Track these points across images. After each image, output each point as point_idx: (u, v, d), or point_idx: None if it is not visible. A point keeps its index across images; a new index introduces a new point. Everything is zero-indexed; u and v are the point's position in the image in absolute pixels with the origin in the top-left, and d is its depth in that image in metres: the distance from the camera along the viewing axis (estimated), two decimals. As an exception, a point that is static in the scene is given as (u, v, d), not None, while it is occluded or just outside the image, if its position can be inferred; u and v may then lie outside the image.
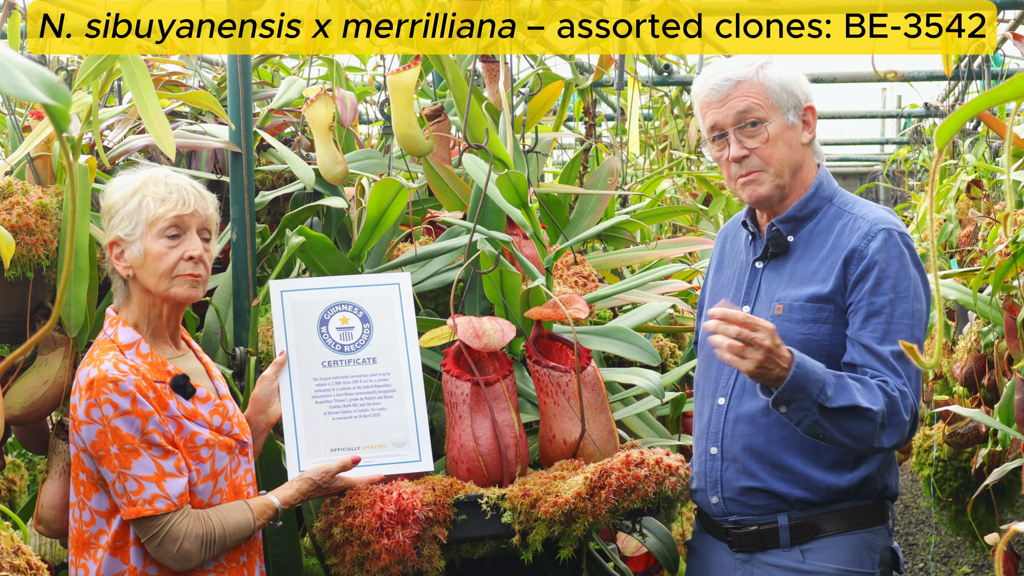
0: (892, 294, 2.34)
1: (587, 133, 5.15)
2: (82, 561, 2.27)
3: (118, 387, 2.18)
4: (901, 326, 2.33)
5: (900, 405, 2.29)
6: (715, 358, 2.52)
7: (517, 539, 2.41)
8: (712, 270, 2.72)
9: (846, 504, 2.41)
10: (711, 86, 2.46)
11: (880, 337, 2.33)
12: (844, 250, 2.39)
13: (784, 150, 2.44)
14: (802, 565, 2.39)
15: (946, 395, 5.08)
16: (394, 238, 3.31)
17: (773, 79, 2.44)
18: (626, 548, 3.73)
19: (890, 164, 9.11)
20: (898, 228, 2.40)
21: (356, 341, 2.59)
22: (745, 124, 2.42)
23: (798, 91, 2.46)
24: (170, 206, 2.29)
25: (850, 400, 2.25)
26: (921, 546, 7.39)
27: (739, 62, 2.47)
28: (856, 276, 2.37)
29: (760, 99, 2.42)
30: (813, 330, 2.39)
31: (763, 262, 2.52)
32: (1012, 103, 1.13)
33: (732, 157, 2.45)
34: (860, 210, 2.45)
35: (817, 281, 2.40)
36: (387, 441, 2.54)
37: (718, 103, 2.45)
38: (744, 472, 2.46)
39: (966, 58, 5.91)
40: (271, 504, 2.36)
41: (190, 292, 2.33)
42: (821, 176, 2.51)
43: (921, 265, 2.42)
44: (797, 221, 2.48)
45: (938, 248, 5.08)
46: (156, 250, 2.29)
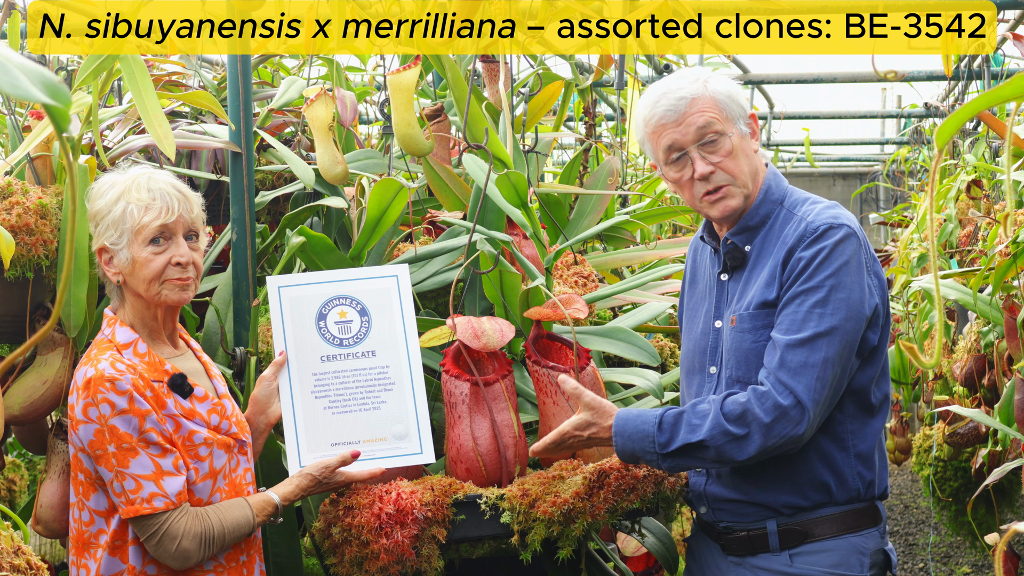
0: (807, 285, 2.31)
1: (587, 133, 5.15)
2: (83, 561, 2.27)
3: (115, 386, 2.18)
4: (810, 316, 2.29)
5: (755, 408, 2.27)
6: (695, 374, 2.55)
7: (516, 539, 2.41)
8: (687, 284, 2.71)
9: (835, 509, 2.41)
10: (664, 107, 2.41)
11: (786, 328, 2.31)
12: (784, 251, 2.37)
13: (744, 160, 2.43)
14: (790, 569, 2.41)
15: (946, 395, 5.08)
16: (394, 238, 3.31)
17: (721, 92, 2.41)
18: (626, 548, 3.74)
19: (890, 164, 9.11)
20: (835, 222, 2.34)
21: (355, 335, 2.58)
22: (706, 140, 2.39)
23: (742, 100, 2.45)
24: (154, 214, 2.28)
25: (680, 441, 2.31)
26: (921, 546, 7.39)
27: (683, 80, 2.43)
28: (788, 275, 2.35)
29: (716, 113, 2.40)
30: (763, 337, 2.37)
31: (727, 275, 2.51)
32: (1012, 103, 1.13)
33: (699, 175, 2.40)
34: (804, 210, 2.41)
35: (764, 287, 2.39)
36: (388, 434, 2.54)
37: (675, 123, 2.40)
38: (728, 486, 2.47)
39: (966, 58, 5.91)
40: (270, 501, 2.36)
41: (180, 296, 2.34)
42: (768, 179, 2.48)
43: (860, 258, 2.35)
44: (750, 230, 2.46)
45: (938, 248, 5.08)
46: (143, 257, 2.28)
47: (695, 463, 2.35)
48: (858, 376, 2.40)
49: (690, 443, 2.30)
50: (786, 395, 2.27)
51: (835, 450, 2.40)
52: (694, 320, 2.60)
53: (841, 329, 2.29)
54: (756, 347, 2.38)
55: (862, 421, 2.42)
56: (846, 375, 2.35)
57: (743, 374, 2.40)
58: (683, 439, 2.31)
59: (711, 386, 2.48)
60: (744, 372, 2.40)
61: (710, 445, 2.29)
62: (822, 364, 2.27)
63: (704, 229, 2.61)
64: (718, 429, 2.29)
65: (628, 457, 2.38)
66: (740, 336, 2.41)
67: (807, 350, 2.28)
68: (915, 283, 4.30)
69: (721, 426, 2.28)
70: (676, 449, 2.31)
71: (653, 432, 2.33)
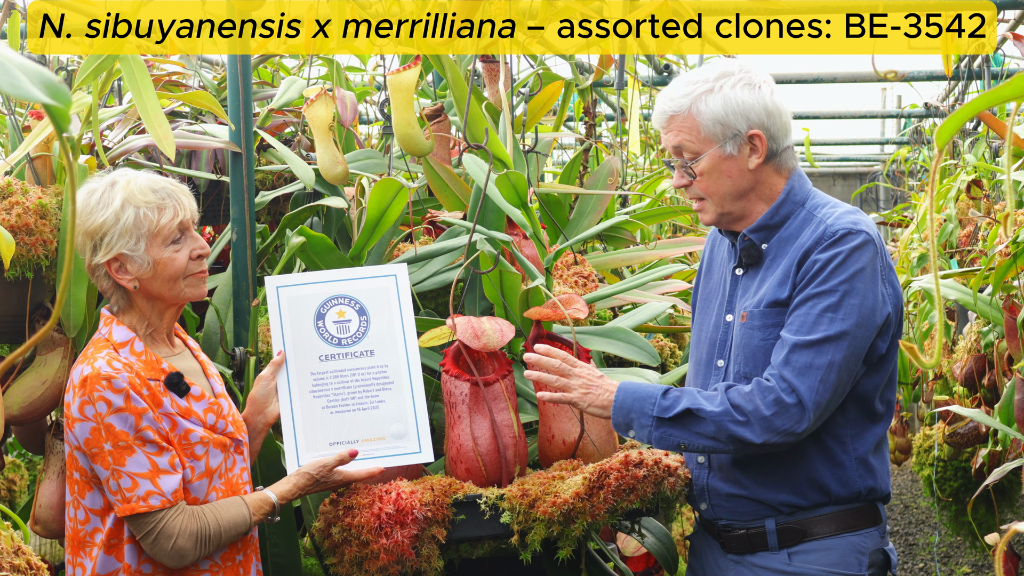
0: (820, 288, 2.32)
1: (587, 133, 5.15)
2: (79, 560, 2.27)
3: (111, 384, 2.18)
4: (821, 320, 2.30)
5: (757, 400, 2.29)
6: (703, 366, 2.56)
7: (516, 539, 2.41)
8: (702, 273, 2.72)
9: (834, 508, 2.42)
10: (657, 112, 2.48)
11: (796, 328, 2.32)
12: (800, 252, 2.38)
13: (722, 180, 2.42)
14: (788, 567, 2.41)
15: (946, 395, 5.08)
16: (394, 238, 3.31)
17: (706, 114, 2.38)
18: (626, 548, 3.74)
19: (890, 164, 9.11)
20: (854, 228, 2.34)
21: (353, 334, 2.58)
22: (680, 157, 2.44)
23: (738, 121, 2.39)
24: (170, 214, 2.29)
25: (679, 405, 2.33)
26: (921, 546, 7.39)
27: (679, 91, 2.42)
28: (803, 277, 2.35)
29: (691, 135, 2.40)
30: (772, 335, 2.38)
31: (741, 269, 2.52)
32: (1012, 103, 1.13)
33: (675, 185, 2.50)
34: (824, 213, 2.41)
35: (776, 286, 2.40)
36: (386, 433, 2.53)
37: (663, 129, 2.47)
38: (730, 480, 2.47)
39: (966, 58, 5.91)
40: (267, 499, 2.36)
41: (199, 290, 2.37)
42: (792, 181, 2.47)
43: (876, 266, 2.35)
44: (769, 229, 2.47)
45: (938, 248, 5.07)
46: (166, 257, 2.29)
47: (688, 436, 2.34)
48: (864, 382, 2.40)
49: (692, 409, 2.31)
50: (789, 393, 2.28)
51: (836, 452, 2.40)
52: (707, 311, 2.60)
53: (850, 335, 2.29)
54: (764, 345, 2.38)
55: (863, 426, 2.42)
56: (851, 380, 2.35)
57: (750, 370, 2.41)
58: (686, 405, 2.32)
59: (717, 379, 2.48)
60: (751, 369, 2.41)
61: (710, 419, 2.31)
62: (827, 367, 2.28)
63: None
64: (722, 408, 2.31)
65: (622, 417, 2.37)
66: (750, 333, 2.42)
67: (814, 352, 2.28)
68: (915, 283, 4.31)
69: (725, 407, 2.31)
70: (677, 414, 2.32)
71: (657, 395, 2.35)
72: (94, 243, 2.28)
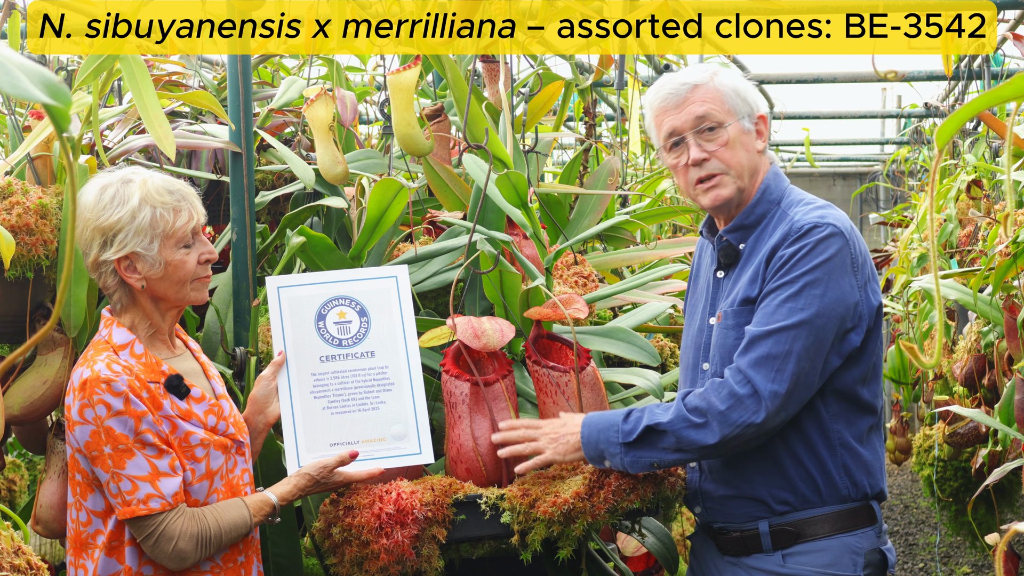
0: (782, 280, 2.33)
1: (587, 133, 5.15)
2: (80, 561, 2.27)
3: (111, 387, 2.17)
4: (780, 310, 2.31)
5: (711, 396, 2.31)
6: (690, 370, 2.58)
7: (516, 539, 2.41)
8: (691, 280, 2.74)
9: (827, 508, 2.42)
10: (668, 91, 2.47)
11: (757, 320, 2.34)
12: (769, 250, 2.39)
13: (743, 153, 2.45)
14: (782, 569, 2.42)
15: (946, 395, 5.08)
16: (394, 238, 3.31)
17: (727, 85, 2.46)
18: (626, 548, 3.73)
19: (890, 164, 9.11)
20: (820, 222, 2.35)
21: (354, 335, 2.59)
22: (703, 128, 2.43)
23: (751, 99, 2.48)
24: (186, 216, 2.30)
25: (640, 425, 2.34)
26: (921, 546, 7.39)
27: (692, 70, 2.50)
28: (770, 273, 2.37)
29: (716, 104, 2.44)
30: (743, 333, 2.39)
31: (722, 272, 2.53)
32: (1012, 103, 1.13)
33: (692, 160, 2.45)
34: (795, 211, 2.43)
35: (748, 284, 2.41)
36: (387, 435, 2.54)
37: (675, 108, 2.46)
38: (721, 481, 2.48)
39: (966, 58, 5.91)
40: (268, 500, 2.36)
41: (202, 294, 2.38)
42: (768, 179, 2.49)
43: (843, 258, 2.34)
44: (745, 229, 2.48)
45: (938, 248, 5.07)
46: (177, 259, 2.29)
47: (657, 454, 2.35)
48: (843, 376, 2.40)
49: (650, 426, 2.33)
50: (743, 384, 2.30)
51: (822, 448, 2.40)
52: (693, 316, 2.63)
53: (810, 324, 2.30)
54: (738, 343, 2.39)
55: (850, 422, 2.42)
56: (817, 371, 2.34)
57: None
58: (646, 423, 2.34)
59: (703, 383, 2.48)
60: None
61: (669, 431, 2.32)
62: (783, 356, 2.29)
63: (704, 224, 2.63)
64: (678, 415, 2.33)
65: (593, 451, 2.39)
66: (725, 332, 2.43)
67: (772, 341, 2.30)
68: (915, 283, 4.31)
69: (680, 413, 2.33)
70: (638, 436, 2.34)
71: (619, 421, 2.38)
72: (105, 239, 2.26)
